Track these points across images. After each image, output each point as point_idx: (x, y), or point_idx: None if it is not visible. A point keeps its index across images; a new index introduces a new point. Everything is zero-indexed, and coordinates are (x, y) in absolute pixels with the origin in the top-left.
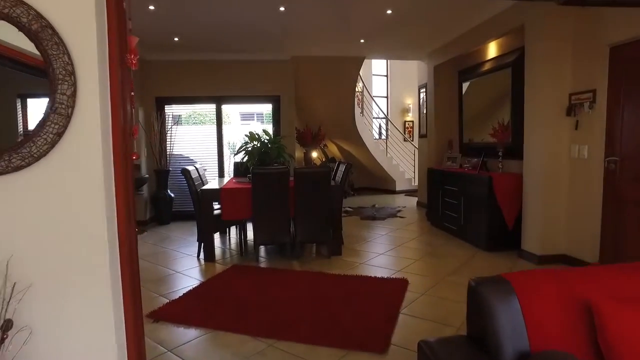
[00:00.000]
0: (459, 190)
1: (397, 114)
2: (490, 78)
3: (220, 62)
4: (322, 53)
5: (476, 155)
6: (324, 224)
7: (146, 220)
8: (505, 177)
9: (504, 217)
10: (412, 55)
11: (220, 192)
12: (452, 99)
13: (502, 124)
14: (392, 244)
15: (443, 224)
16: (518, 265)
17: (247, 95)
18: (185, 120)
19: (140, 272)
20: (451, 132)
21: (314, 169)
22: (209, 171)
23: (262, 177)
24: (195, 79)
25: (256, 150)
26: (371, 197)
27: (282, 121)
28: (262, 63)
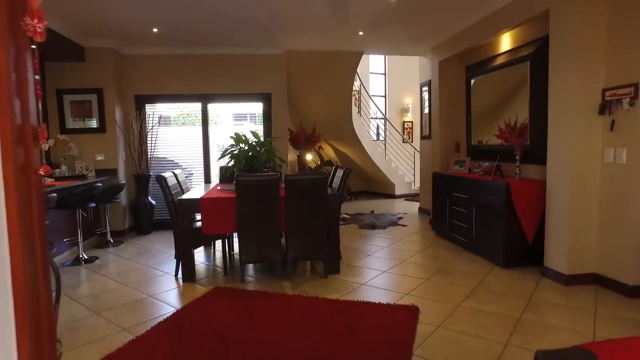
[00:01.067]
0: (470, 198)
1: (395, 114)
2: (503, 73)
3: (206, 57)
4: (317, 47)
5: (486, 158)
6: (319, 239)
7: (124, 230)
8: (525, 185)
9: (522, 229)
10: (415, 50)
11: (199, 203)
12: (458, 97)
13: (516, 124)
14: (396, 259)
15: (451, 235)
16: (543, 286)
17: (235, 93)
18: (174, 121)
19: (106, 297)
20: (458, 133)
21: (308, 175)
22: (195, 176)
23: (248, 185)
24: (179, 76)
25: (243, 154)
26: (369, 202)
27: (274, 121)
28: (251, 58)
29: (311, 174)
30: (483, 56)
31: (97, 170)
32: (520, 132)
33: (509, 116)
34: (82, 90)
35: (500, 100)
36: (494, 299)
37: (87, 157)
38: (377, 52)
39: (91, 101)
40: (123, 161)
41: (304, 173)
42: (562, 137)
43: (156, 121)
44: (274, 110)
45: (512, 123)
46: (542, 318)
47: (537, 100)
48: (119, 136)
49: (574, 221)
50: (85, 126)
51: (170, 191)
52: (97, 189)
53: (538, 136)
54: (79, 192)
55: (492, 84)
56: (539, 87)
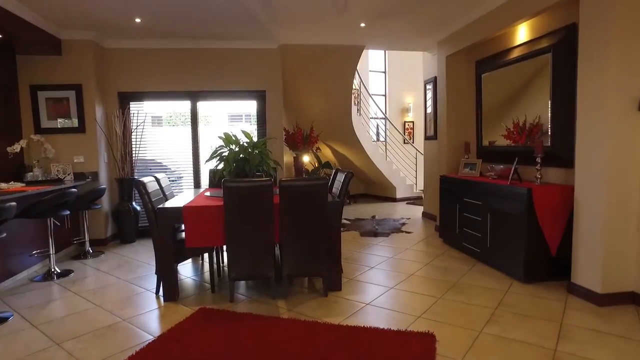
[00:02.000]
0: (484, 204)
1: (396, 113)
2: (519, 67)
3: (195, 51)
4: (315, 41)
5: (500, 160)
6: (318, 253)
7: (106, 238)
8: (549, 191)
9: (545, 240)
10: (419, 44)
11: (182, 211)
12: (468, 95)
13: (525, 124)
14: (402, 272)
15: (461, 244)
16: (573, 306)
17: (227, 90)
18: (165, 121)
19: (73, 321)
20: (467, 134)
21: (306, 180)
22: (186, 179)
23: (237, 192)
24: (166, 72)
25: (232, 156)
26: (370, 206)
27: (269, 121)
28: (244, 52)
29: (309, 179)
30: (495, 50)
31: (76, 173)
32: (530, 132)
33: (526, 114)
34: (58, 87)
35: (515, 97)
36: (520, 323)
37: (65, 160)
38: (379, 46)
39: (69, 98)
40: (105, 163)
41: (301, 178)
42: (595, 138)
43: (142, 120)
44: (269, 109)
45: (522, 123)
46: (583, 350)
47: (561, 97)
48: (100, 137)
49: (609, 232)
50: (63, 126)
51: (150, 198)
52: (71, 195)
53: (561, 136)
54: (49, 198)
55: (505, 80)
56: (563, 81)
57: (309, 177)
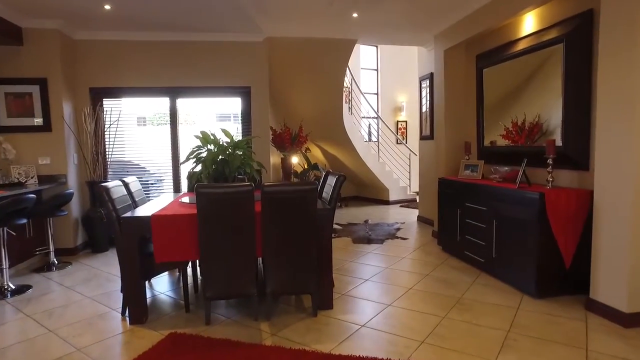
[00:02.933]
0: (490, 210)
1: (388, 113)
2: (525, 61)
3: (174, 44)
4: (304, 33)
5: (504, 161)
6: (307, 267)
7: (75, 247)
8: (564, 196)
9: (559, 250)
10: (414, 38)
11: (150, 221)
12: (467, 91)
13: (525, 123)
14: (400, 285)
15: (463, 253)
16: (595, 327)
17: (208, 86)
18: (146, 119)
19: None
20: (467, 133)
21: (292, 185)
22: (167, 182)
23: (212, 198)
24: (142, 66)
25: (211, 158)
26: (362, 210)
27: (254, 119)
28: (227, 45)
29: (295, 184)
30: (497, 42)
31: (41, 176)
32: (530, 132)
33: (525, 112)
34: (20, 80)
35: (520, 93)
36: (539, 349)
37: (28, 161)
38: (372, 40)
39: (32, 94)
40: (75, 165)
41: (286, 183)
42: (618, 136)
43: (116, 118)
44: (254, 107)
45: (520, 122)
46: None
47: (574, 92)
48: (69, 136)
49: (636, 243)
50: (25, 124)
51: (115, 205)
52: (28, 201)
53: (574, 136)
54: (1, 205)
55: (509, 75)
56: (576, 75)
57: (295, 182)
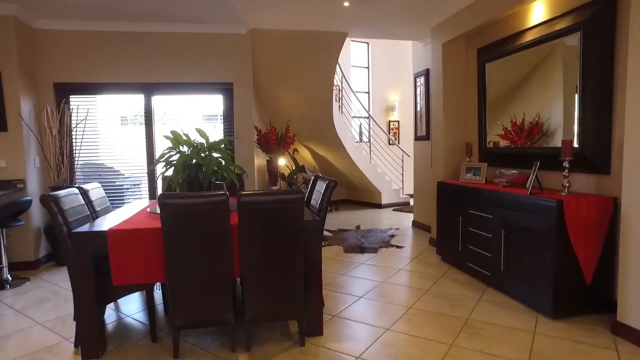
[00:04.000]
0: (497, 218)
1: (380, 112)
2: (534, 53)
3: (149, 36)
4: (291, 25)
5: (509, 164)
6: (292, 290)
7: (37, 260)
8: (585, 203)
9: (579, 264)
10: (409, 31)
11: (107, 237)
12: (468, 88)
13: (524, 122)
14: (398, 304)
15: (466, 264)
16: (627, 355)
17: (187, 82)
18: (130, 120)
19: None
20: (467, 133)
21: (275, 195)
22: (144, 186)
23: (178, 211)
24: (114, 59)
25: (182, 162)
26: (353, 214)
27: (237, 118)
28: (207, 38)
29: (278, 192)
30: (501, 34)
31: None
32: (530, 132)
33: (530, 110)
34: None
35: (527, 89)
36: None
37: None
38: (364, 34)
39: None
40: (37, 169)
41: (267, 192)
42: None
43: (94, 117)
44: (237, 105)
45: (520, 121)
46: None
47: (593, 88)
48: (29, 136)
49: None
50: None
51: (66, 218)
52: None
53: (593, 135)
54: None
55: (515, 69)
56: (596, 67)
57: (279, 190)
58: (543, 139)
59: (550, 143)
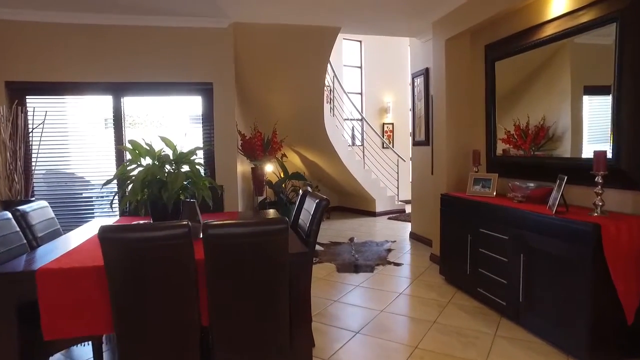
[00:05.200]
0: (514, 240)
1: (373, 114)
2: (553, 50)
3: (119, 30)
4: (278, 19)
5: (521, 174)
6: (273, 339)
7: None
8: (626, 227)
9: (619, 300)
10: (407, 26)
11: (35, 279)
12: (474, 88)
13: (528, 125)
14: (402, 343)
15: (475, 289)
16: None
17: (161, 82)
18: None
19: None
20: (474, 139)
21: (251, 226)
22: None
23: (125, 247)
24: (78, 56)
25: (141, 179)
26: (346, 223)
27: (217, 122)
28: (184, 33)
29: (256, 223)
30: (514, 29)
31: None
32: (536, 136)
33: (544, 112)
34: None
35: (532, 89)
36: None
37: None
38: (358, 30)
39: None
40: None
41: (240, 223)
42: None
43: (59, 120)
44: (217, 107)
45: (524, 124)
46: None
47: (633, 86)
48: None
49: None
50: None
51: None
52: None
53: (630, 145)
54: None
55: (526, 68)
56: (636, 65)
57: (256, 221)
58: (549, 145)
59: (558, 149)
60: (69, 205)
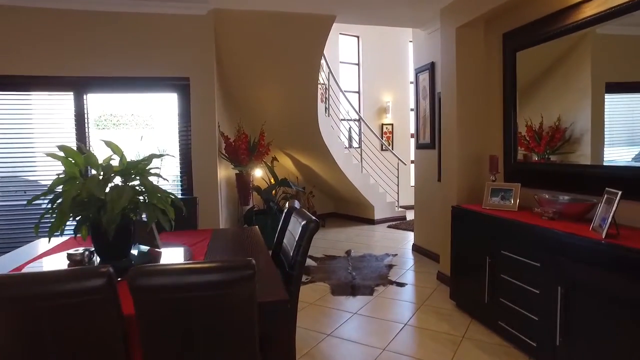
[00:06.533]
0: (549, 268)
1: (371, 114)
2: (584, 38)
3: (81, 16)
4: (264, 5)
5: (546, 184)
6: None
7: None
8: None
9: None
10: (411, 14)
11: None
12: (489, 84)
13: (542, 126)
14: None
15: (496, 323)
16: None
17: (130, 76)
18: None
19: None
20: (489, 142)
21: (199, 273)
22: None
23: (11, 305)
24: (30, 45)
25: (70, 198)
26: (342, 232)
27: (195, 122)
28: (157, 20)
29: (207, 269)
30: (538, 13)
31: None
32: (552, 138)
33: (561, 111)
34: None
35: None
36: None
37: None
38: (355, 19)
39: None
40: None
41: (183, 267)
42: None
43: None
44: (195, 105)
45: (537, 125)
46: None
47: None
48: None
49: None
50: None
51: None
52: None
53: None
54: None
55: (556, 58)
56: None
57: (207, 266)
58: (566, 147)
59: (576, 152)
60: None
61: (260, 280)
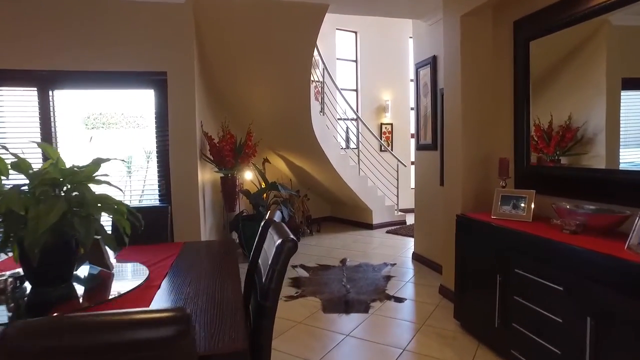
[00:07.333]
0: (575, 293)
1: (370, 114)
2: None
3: (46, 4)
4: None
5: (561, 191)
6: None
7: None
8: None
9: None
10: (411, 4)
11: None
12: (498, 76)
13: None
14: None
15: (508, 351)
16: None
17: (100, 70)
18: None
19: None
20: (497, 143)
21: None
22: None
23: None
24: None
25: None
26: (338, 238)
27: (172, 121)
28: (131, 8)
29: (115, 324)
30: None
31: None
32: (562, 138)
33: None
34: None
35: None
36: None
37: None
38: (351, 8)
39: None
40: None
41: (90, 317)
42: None
43: None
44: (173, 103)
45: (546, 125)
46: None
47: None
48: None
49: None
50: None
51: None
52: None
53: None
54: None
55: (568, 52)
56: None
57: (117, 318)
58: (578, 148)
59: (589, 152)
60: None
61: (217, 319)
